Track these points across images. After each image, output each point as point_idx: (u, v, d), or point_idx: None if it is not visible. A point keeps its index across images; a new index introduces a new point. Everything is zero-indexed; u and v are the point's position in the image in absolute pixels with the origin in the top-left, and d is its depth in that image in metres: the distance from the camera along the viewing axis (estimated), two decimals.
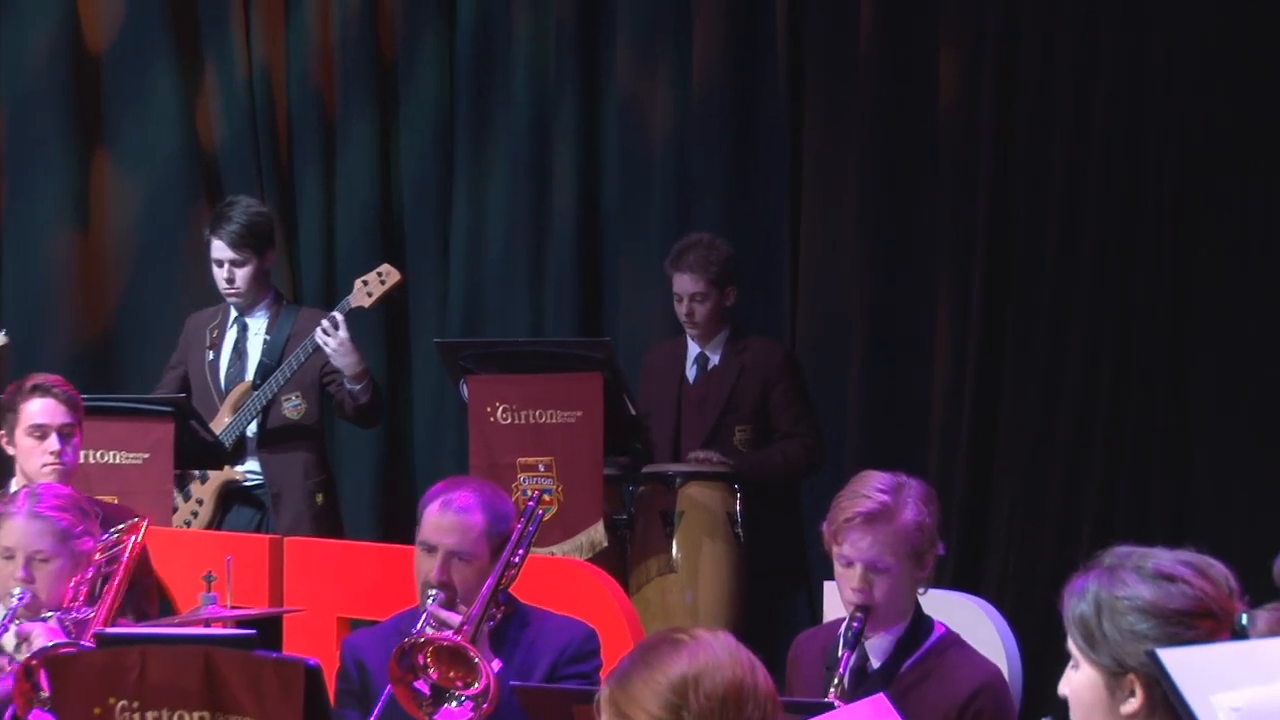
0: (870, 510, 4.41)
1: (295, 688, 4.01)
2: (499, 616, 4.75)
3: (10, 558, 4.85)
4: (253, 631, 4.49)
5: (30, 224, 8.81)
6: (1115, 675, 2.81)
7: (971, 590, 6.46)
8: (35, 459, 5.71)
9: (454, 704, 4.52)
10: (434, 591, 4.69)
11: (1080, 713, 2.87)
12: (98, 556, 4.94)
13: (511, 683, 4.50)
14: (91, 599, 4.86)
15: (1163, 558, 2.87)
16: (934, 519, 4.49)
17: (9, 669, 4.64)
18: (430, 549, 4.75)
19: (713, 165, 8.24)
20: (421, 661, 4.52)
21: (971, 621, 5.54)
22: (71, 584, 4.85)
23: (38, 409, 5.72)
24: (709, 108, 8.23)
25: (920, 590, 4.51)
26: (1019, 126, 7.61)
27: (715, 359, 7.25)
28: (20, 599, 4.81)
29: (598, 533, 6.67)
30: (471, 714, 4.51)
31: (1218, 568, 2.89)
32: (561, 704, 4.18)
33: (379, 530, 8.37)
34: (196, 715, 4.05)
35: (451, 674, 4.52)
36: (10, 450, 5.81)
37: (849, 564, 4.44)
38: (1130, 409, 7.37)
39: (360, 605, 6.17)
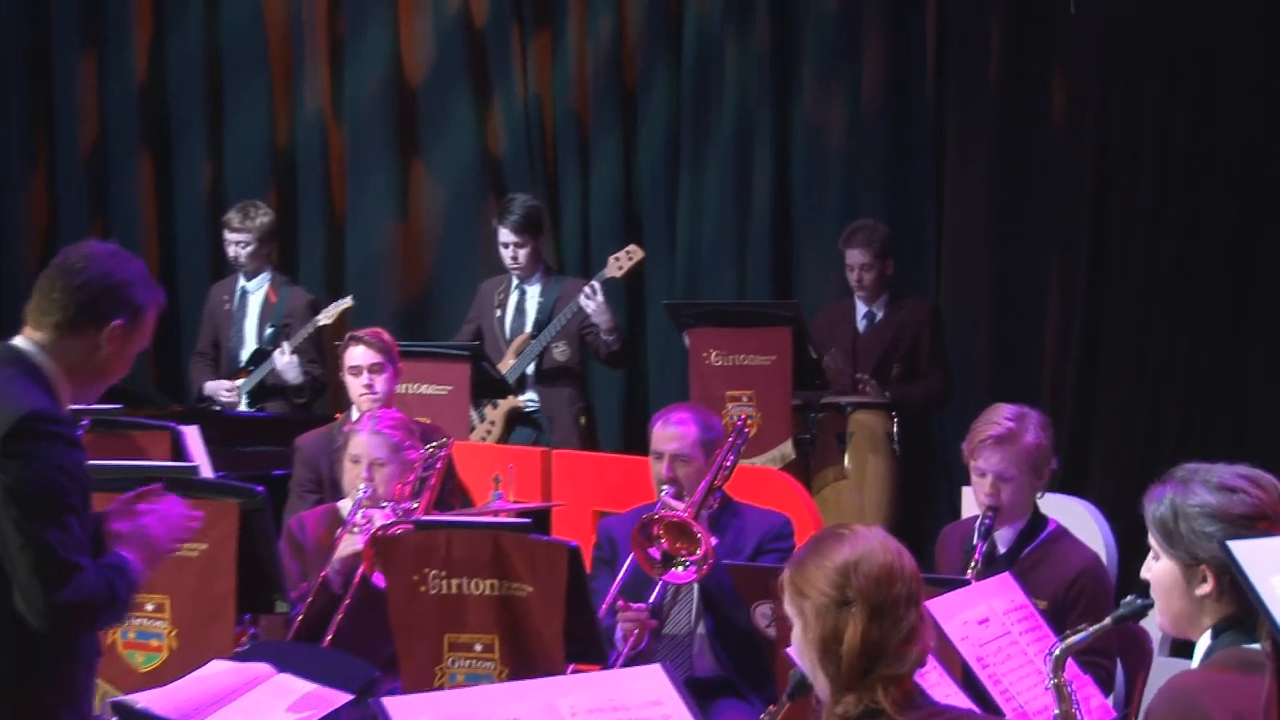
0: (999, 434, 4.39)
1: (560, 562, 4.08)
2: (715, 506, 4.76)
3: (357, 463, 4.97)
4: (529, 520, 4.56)
5: (366, 216, 8.95)
6: (1190, 566, 2.73)
7: (1079, 494, 6.37)
8: (353, 391, 5.80)
9: (680, 568, 4.56)
10: (666, 487, 4.74)
11: (1161, 595, 2.79)
12: (418, 464, 5.04)
13: (724, 561, 4.53)
14: (415, 495, 4.96)
15: (1223, 472, 2.76)
16: (1049, 441, 4.45)
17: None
18: (659, 456, 4.80)
19: (876, 166, 8.17)
20: (656, 533, 4.56)
21: (1078, 519, 5.48)
22: (400, 483, 4.96)
23: (351, 355, 5.78)
24: (873, 122, 8.16)
25: (1038, 495, 4.48)
26: (1114, 134, 7.52)
27: (880, 314, 7.19)
28: (364, 493, 4.93)
29: (788, 448, 6.65)
30: (694, 576, 4.56)
31: (1267, 478, 2.78)
32: (763, 577, 4.21)
33: (624, 444, 8.41)
34: (487, 583, 4.13)
35: (678, 544, 4.56)
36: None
37: (982, 475, 4.41)
38: (1202, 353, 7.26)
39: (609, 500, 6.19)
